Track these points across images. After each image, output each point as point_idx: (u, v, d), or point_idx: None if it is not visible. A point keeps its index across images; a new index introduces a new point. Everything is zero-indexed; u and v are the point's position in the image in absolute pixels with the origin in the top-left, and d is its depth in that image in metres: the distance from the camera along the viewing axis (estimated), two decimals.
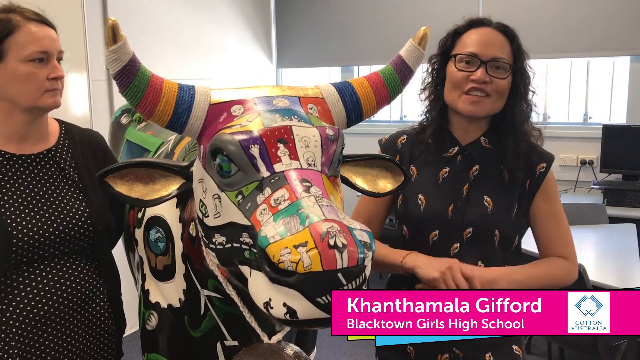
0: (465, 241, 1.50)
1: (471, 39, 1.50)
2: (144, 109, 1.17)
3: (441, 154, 1.55)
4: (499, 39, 1.49)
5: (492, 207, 1.49)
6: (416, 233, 1.56)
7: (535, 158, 1.53)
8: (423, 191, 1.55)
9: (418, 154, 1.58)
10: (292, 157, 1.09)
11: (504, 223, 1.50)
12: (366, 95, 1.29)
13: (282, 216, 0.98)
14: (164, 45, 4.14)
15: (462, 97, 1.47)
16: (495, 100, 1.48)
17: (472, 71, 1.46)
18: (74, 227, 1.47)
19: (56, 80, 1.44)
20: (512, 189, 1.51)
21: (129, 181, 1.25)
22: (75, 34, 3.43)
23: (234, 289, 1.25)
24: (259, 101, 1.20)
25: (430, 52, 1.49)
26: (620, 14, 4.16)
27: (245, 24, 5.10)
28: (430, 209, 1.53)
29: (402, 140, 1.63)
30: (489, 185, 1.51)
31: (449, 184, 1.53)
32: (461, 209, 1.50)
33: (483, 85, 1.45)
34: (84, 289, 1.50)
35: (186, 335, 1.45)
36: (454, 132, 1.56)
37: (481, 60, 1.46)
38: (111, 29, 1.10)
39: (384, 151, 1.64)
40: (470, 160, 1.53)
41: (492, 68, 1.46)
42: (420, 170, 1.58)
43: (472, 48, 1.48)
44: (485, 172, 1.52)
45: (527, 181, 1.52)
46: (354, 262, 0.93)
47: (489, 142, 1.53)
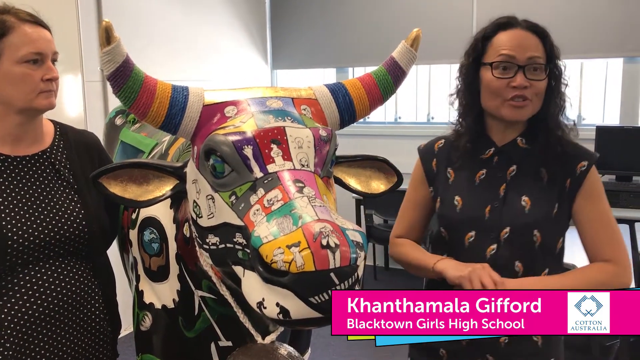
0: (502, 242, 1.47)
1: (503, 42, 1.46)
2: (137, 109, 1.17)
3: (478, 156, 1.54)
4: (531, 39, 1.45)
5: (529, 207, 1.47)
6: (453, 234, 1.54)
7: (576, 156, 1.49)
8: (460, 193, 1.54)
9: (455, 159, 1.57)
10: (285, 158, 1.10)
11: (543, 223, 1.47)
12: (359, 97, 1.30)
13: (275, 216, 0.99)
14: (159, 46, 4.14)
15: (505, 104, 1.44)
16: (537, 102, 1.46)
17: (510, 77, 1.43)
18: (69, 229, 1.47)
19: (51, 81, 1.44)
20: (551, 188, 1.48)
21: (123, 182, 1.25)
22: (70, 36, 3.42)
23: (227, 289, 1.26)
24: (252, 102, 1.20)
25: (423, 52, 1.48)
26: (614, 16, 4.18)
27: (240, 26, 5.10)
28: (466, 210, 1.52)
29: (440, 144, 1.62)
30: (527, 185, 1.49)
31: (485, 186, 1.52)
32: (498, 210, 1.48)
33: (524, 91, 1.42)
34: (79, 290, 1.50)
35: (180, 335, 1.45)
36: (490, 135, 1.54)
37: (518, 65, 1.43)
38: (105, 31, 1.10)
39: (423, 156, 1.64)
40: (507, 161, 1.52)
41: (529, 71, 1.43)
42: (457, 173, 1.57)
43: (507, 51, 1.44)
44: (523, 172, 1.50)
45: (568, 180, 1.48)
46: (346, 262, 0.93)
47: (526, 142, 1.51)
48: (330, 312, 0.96)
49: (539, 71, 1.43)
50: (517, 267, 1.46)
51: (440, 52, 4.79)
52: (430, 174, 1.61)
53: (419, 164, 1.65)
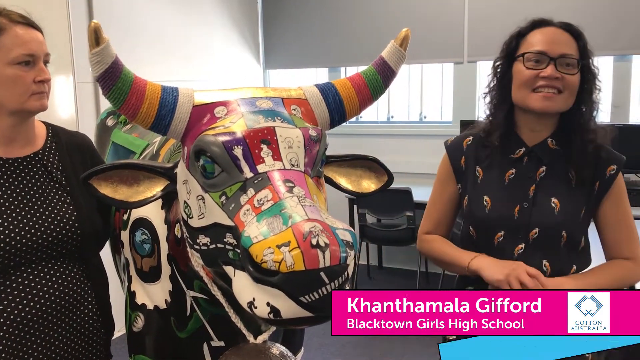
0: (530, 242, 1.49)
1: (537, 38, 1.49)
2: (127, 110, 1.18)
3: (507, 155, 1.55)
4: (564, 36, 1.48)
5: (559, 209, 1.48)
6: (482, 234, 1.56)
7: (605, 159, 1.50)
8: (489, 192, 1.55)
9: (484, 157, 1.57)
10: (275, 158, 1.10)
11: (571, 224, 1.49)
12: (349, 96, 1.31)
13: (266, 216, 0.99)
14: (150, 46, 4.13)
15: (533, 95, 1.46)
16: (567, 97, 1.46)
17: (541, 69, 1.45)
18: (61, 231, 1.47)
19: (43, 83, 1.44)
20: (580, 190, 1.50)
21: (114, 183, 1.25)
22: (61, 37, 3.42)
23: (219, 289, 1.26)
24: (242, 102, 1.21)
25: (416, 51, 1.50)
26: (603, 15, 4.22)
27: (233, 26, 5.10)
28: (495, 210, 1.53)
29: (468, 141, 1.63)
30: (556, 186, 1.50)
31: (515, 185, 1.53)
32: (527, 210, 1.49)
33: (554, 82, 1.44)
34: (72, 292, 1.49)
35: (173, 336, 1.45)
36: (520, 134, 1.55)
37: (550, 57, 1.45)
38: (94, 32, 1.10)
39: (450, 152, 1.65)
40: (536, 162, 1.52)
41: (561, 65, 1.44)
42: (486, 171, 1.57)
43: (540, 46, 1.47)
44: (553, 173, 1.51)
45: (597, 183, 1.50)
46: (336, 261, 0.94)
47: (556, 144, 1.52)
48: (320, 311, 0.96)
49: (572, 66, 1.45)
50: (544, 266, 1.48)
51: (432, 51, 4.81)
52: (458, 171, 1.62)
53: (447, 160, 1.65)
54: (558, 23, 1.51)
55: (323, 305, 0.95)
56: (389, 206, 4.35)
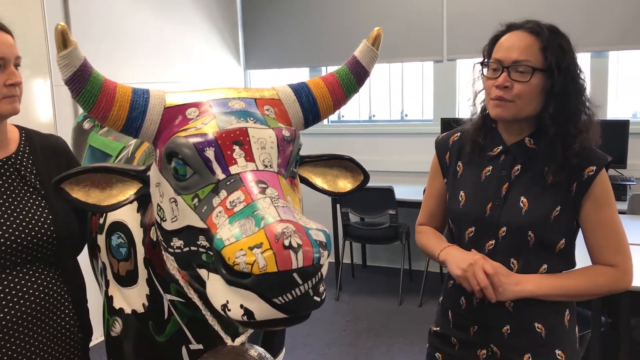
0: (500, 240, 1.50)
1: (500, 44, 1.49)
2: (97, 113, 1.16)
3: (486, 152, 1.57)
4: (524, 41, 1.45)
5: (526, 209, 1.47)
6: (457, 228, 1.60)
7: (584, 160, 1.46)
8: (465, 188, 1.57)
9: (466, 154, 1.60)
10: (247, 159, 1.10)
11: (539, 225, 1.47)
12: (322, 96, 1.30)
13: (238, 218, 0.99)
14: (129, 49, 4.10)
15: (491, 102, 1.48)
16: (523, 104, 1.45)
17: (497, 77, 1.46)
18: (36, 234, 1.46)
19: (14, 86, 1.43)
20: (554, 191, 1.47)
21: (86, 187, 1.24)
22: (37, 39, 3.38)
23: (195, 292, 1.26)
24: (214, 104, 1.20)
25: (396, 50, 1.50)
26: (579, 11, 4.26)
27: (212, 26, 5.08)
28: (468, 206, 1.55)
29: (455, 137, 1.66)
30: (529, 186, 1.50)
31: (490, 183, 1.54)
32: (498, 208, 1.50)
33: (504, 91, 1.44)
34: (48, 297, 1.48)
35: (151, 340, 1.44)
36: (500, 132, 1.56)
37: (503, 65, 1.45)
38: (61, 34, 1.09)
39: (437, 148, 1.68)
40: (512, 160, 1.53)
41: (515, 72, 1.44)
42: (465, 167, 1.60)
43: (499, 54, 1.47)
44: (527, 172, 1.51)
45: (574, 184, 1.47)
46: (309, 262, 0.94)
47: (534, 143, 1.51)
48: (294, 312, 0.95)
49: (525, 74, 1.43)
50: (512, 264, 1.49)
51: (412, 50, 4.84)
52: (444, 166, 1.66)
53: (435, 156, 1.69)
54: (528, 25, 1.48)
55: (297, 307, 0.95)
56: (371, 205, 4.37)
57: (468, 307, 1.56)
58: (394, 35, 4.61)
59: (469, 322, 1.56)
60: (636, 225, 3.24)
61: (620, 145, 3.98)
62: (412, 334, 3.89)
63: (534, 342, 1.50)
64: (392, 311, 4.33)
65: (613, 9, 4.21)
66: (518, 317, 1.50)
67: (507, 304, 1.49)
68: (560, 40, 1.46)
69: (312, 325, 3.94)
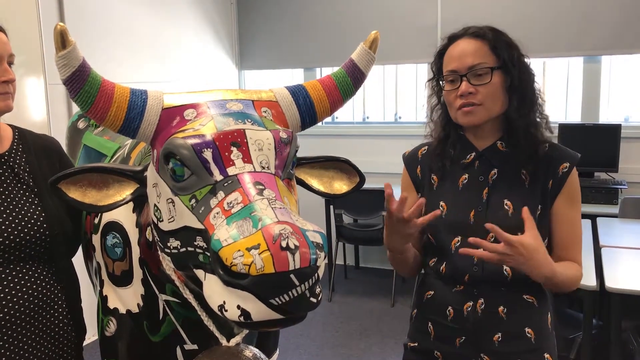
0: None
1: (449, 57, 1.51)
2: (95, 114, 1.17)
3: (459, 161, 1.56)
4: (472, 45, 1.48)
5: (512, 211, 1.48)
6: (440, 240, 1.56)
7: (557, 157, 1.51)
8: (444, 198, 1.55)
9: (438, 166, 1.59)
10: (245, 161, 1.10)
11: None
12: (319, 98, 1.31)
13: (235, 219, 0.99)
14: (124, 47, 4.10)
15: (458, 112, 1.49)
16: (490, 106, 1.47)
17: (457, 87, 1.47)
18: (29, 232, 1.46)
19: (7, 83, 1.43)
20: (534, 190, 1.50)
21: (82, 187, 1.24)
22: (31, 38, 3.37)
23: (191, 292, 1.26)
24: (212, 105, 1.20)
25: (390, 52, 1.51)
26: (574, 16, 4.28)
27: (208, 26, 5.08)
28: (451, 215, 1.53)
29: (423, 151, 1.65)
30: (509, 188, 1.50)
31: (469, 190, 1.53)
32: (482, 214, 1.50)
33: (470, 97, 1.46)
34: (41, 295, 1.48)
35: (146, 340, 1.44)
36: (470, 139, 1.57)
37: (460, 74, 1.47)
38: (60, 34, 1.09)
39: (407, 163, 1.67)
40: (488, 165, 1.54)
41: (473, 77, 1.46)
42: (441, 179, 1.59)
43: (451, 65, 1.49)
44: (504, 175, 1.52)
45: (550, 182, 1.50)
46: (306, 263, 0.94)
47: (505, 146, 1.53)
48: (291, 313, 0.96)
49: (484, 76, 1.46)
50: (505, 270, 1.48)
51: (407, 52, 4.85)
52: (416, 180, 1.64)
53: (405, 172, 1.68)
54: (469, 32, 1.51)
55: (293, 307, 0.95)
56: (365, 206, 4.38)
57: (456, 316, 1.53)
58: (389, 37, 4.62)
59: (455, 332, 1.53)
60: (628, 229, 3.25)
61: (612, 149, 4.00)
62: (404, 335, 3.88)
63: (525, 348, 1.50)
64: (384, 312, 4.34)
65: (605, 14, 4.24)
66: (509, 323, 1.49)
67: (500, 310, 1.49)
68: (503, 37, 1.51)
69: (304, 326, 3.94)
